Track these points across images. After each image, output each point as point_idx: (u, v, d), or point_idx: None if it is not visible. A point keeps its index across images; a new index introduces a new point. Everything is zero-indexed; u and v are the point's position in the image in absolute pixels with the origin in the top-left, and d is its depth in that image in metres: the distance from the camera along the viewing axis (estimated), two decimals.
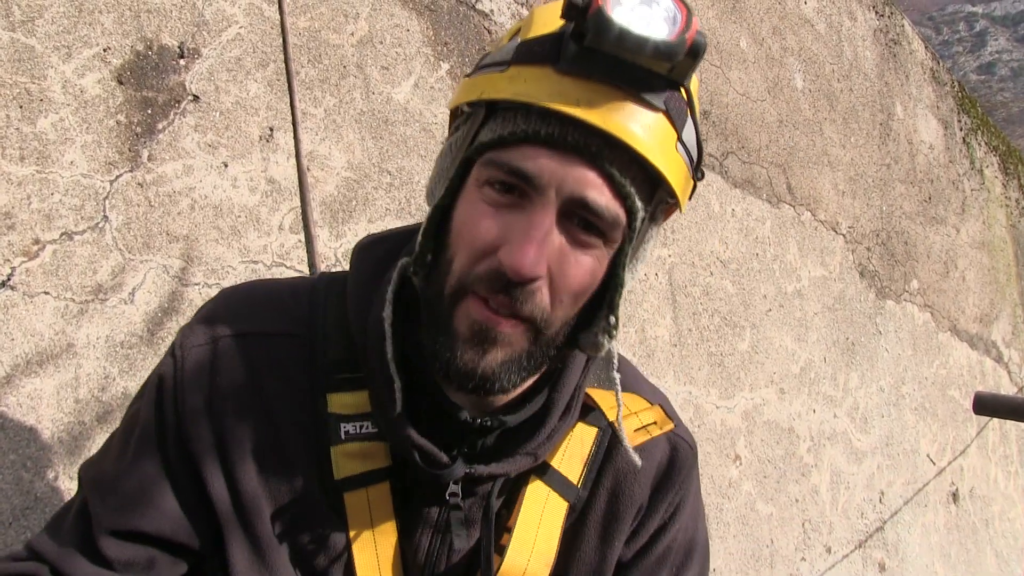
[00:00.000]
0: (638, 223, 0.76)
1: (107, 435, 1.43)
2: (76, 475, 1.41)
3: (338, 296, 0.89)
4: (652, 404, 0.99)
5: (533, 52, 0.74)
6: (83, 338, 1.43)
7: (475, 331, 0.76)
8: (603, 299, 0.80)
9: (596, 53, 0.71)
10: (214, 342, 0.87)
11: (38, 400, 1.37)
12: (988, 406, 1.85)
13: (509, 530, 0.90)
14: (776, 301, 3.08)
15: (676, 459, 0.99)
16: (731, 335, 2.86)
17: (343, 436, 0.85)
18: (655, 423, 0.98)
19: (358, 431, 0.85)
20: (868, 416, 3.59)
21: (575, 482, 0.93)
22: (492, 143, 0.75)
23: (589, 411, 0.94)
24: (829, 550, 3.25)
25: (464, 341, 0.76)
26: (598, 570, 0.95)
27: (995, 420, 4.70)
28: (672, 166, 0.75)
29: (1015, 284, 5.18)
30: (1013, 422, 4.98)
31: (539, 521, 0.91)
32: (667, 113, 0.74)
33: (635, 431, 0.95)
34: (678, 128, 0.75)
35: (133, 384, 1.47)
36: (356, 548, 0.86)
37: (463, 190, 0.78)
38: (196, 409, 0.85)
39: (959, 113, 4.61)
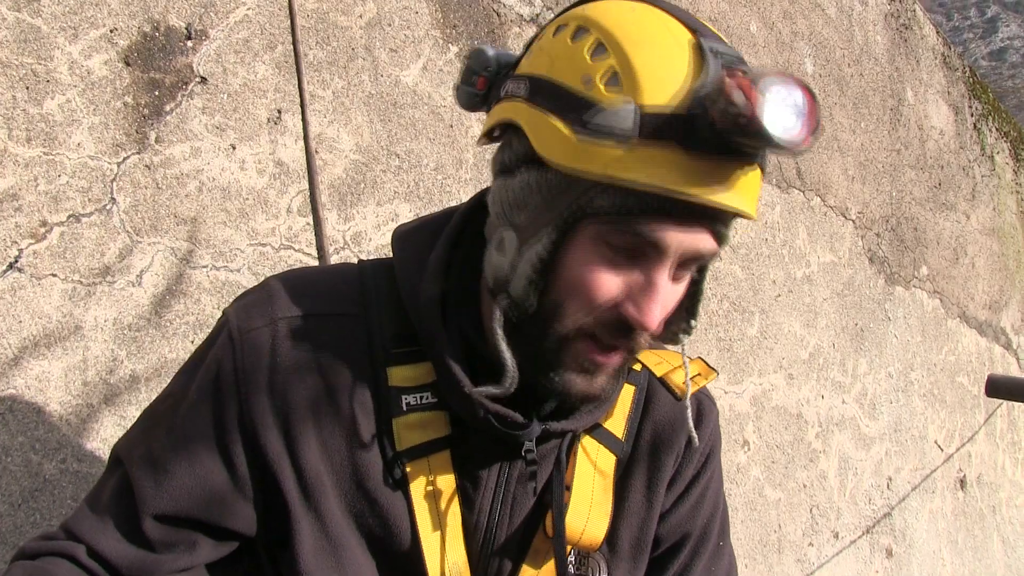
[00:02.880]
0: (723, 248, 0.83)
1: (116, 417, 1.43)
2: (91, 454, 1.41)
3: (386, 279, 0.93)
4: (693, 359, 1.06)
5: (662, 131, 0.73)
6: (91, 320, 1.42)
7: (586, 367, 0.82)
8: (683, 302, 0.87)
9: (727, 138, 0.72)
10: (273, 324, 0.88)
11: (46, 382, 1.37)
12: (1001, 388, 1.83)
13: (568, 488, 0.94)
14: (785, 286, 3.07)
15: (702, 413, 1.06)
16: (740, 320, 2.85)
17: (405, 408, 0.88)
18: (700, 374, 1.04)
19: (419, 402, 0.89)
20: (876, 402, 3.58)
21: (620, 436, 0.99)
22: (616, 210, 0.75)
23: (628, 372, 0.99)
24: (837, 536, 3.25)
25: (574, 373, 0.82)
26: (646, 518, 1.01)
27: (1003, 407, 4.68)
28: (757, 201, 0.81)
29: None
30: (1021, 409, 4.96)
31: (594, 476, 0.96)
32: (759, 163, 0.78)
33: (683, 383, 1.02)
34: (764, 169, 0.80)
35: (141, 366, 1.47)
36: (419, 516, 0.89)
37: (571, 240, 0.78)
38: (259, 392, 0.86)
39: (970, 99, 4.56)
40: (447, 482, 0.90)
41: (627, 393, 1.00)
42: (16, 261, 1.35)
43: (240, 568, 0.96)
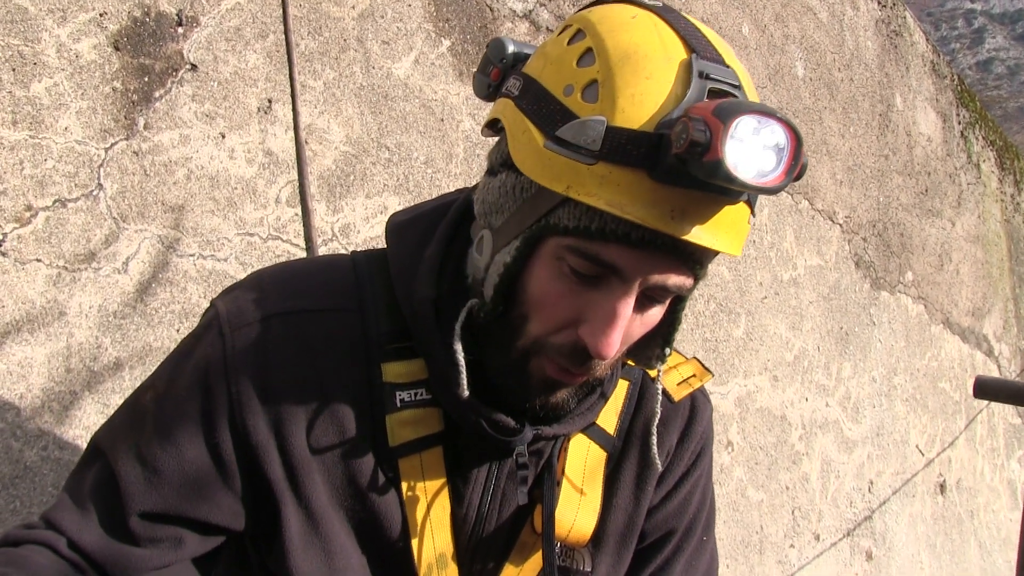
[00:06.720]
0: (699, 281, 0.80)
1: (99, 405, 1.42)
2: (72, 441, 1.39)
3: (380, 272, 0.91)
4: (688, 359, 1.05)
5: (627, 153, 0.69)
6: (75, 307, 1.41)
7: (547, 384, 0.82)
8: (658, 330, 0.85)
9: (691, 171, 0.68)
10: (265, 320, 0.86)
11: (28, 368, 1.36)
12: (989, 390, 1.84)
13: (557, 484, 0.94)
14: (772, 289, 3.08)
15: (696, 410, 1.05)
16: (726, 321, 2.86)
17: (398, 404, 0.87)
18: (695, 375, 1.04)
19: (413, 398, 0.87)
20: (860, 406, 3.60)
21: (611, 432, 0.98)
22: (577, 231, 0.72)
23: (622, 366, 0.99)
24: (818, 538, 3.27)
25: (536, 388, 0.82)
26: (633, 514, 1.00)
27: (983, 413, 4.73)
28: (743, 240, 0.77)
29: (1007, 279, 5.19)
30: (1001, 416, 5.01)
31: (583, 472, 0.95)
32: (748, 201, 0.75)
33: (678, 384, 1.02)
34: (752, 206, 0.77)
35: (125, 354, 1.46)
36: (410, 511, 0.89)
37: (536, 253, 0.77)
38: (249, 389, 0.84)
39: (958, 107, 4.59)
40: (437, 477, 0.89)
41: (621, 388, 0.99)
42: (0, 245, 1.34)
43: (220, 562, 0.95)
